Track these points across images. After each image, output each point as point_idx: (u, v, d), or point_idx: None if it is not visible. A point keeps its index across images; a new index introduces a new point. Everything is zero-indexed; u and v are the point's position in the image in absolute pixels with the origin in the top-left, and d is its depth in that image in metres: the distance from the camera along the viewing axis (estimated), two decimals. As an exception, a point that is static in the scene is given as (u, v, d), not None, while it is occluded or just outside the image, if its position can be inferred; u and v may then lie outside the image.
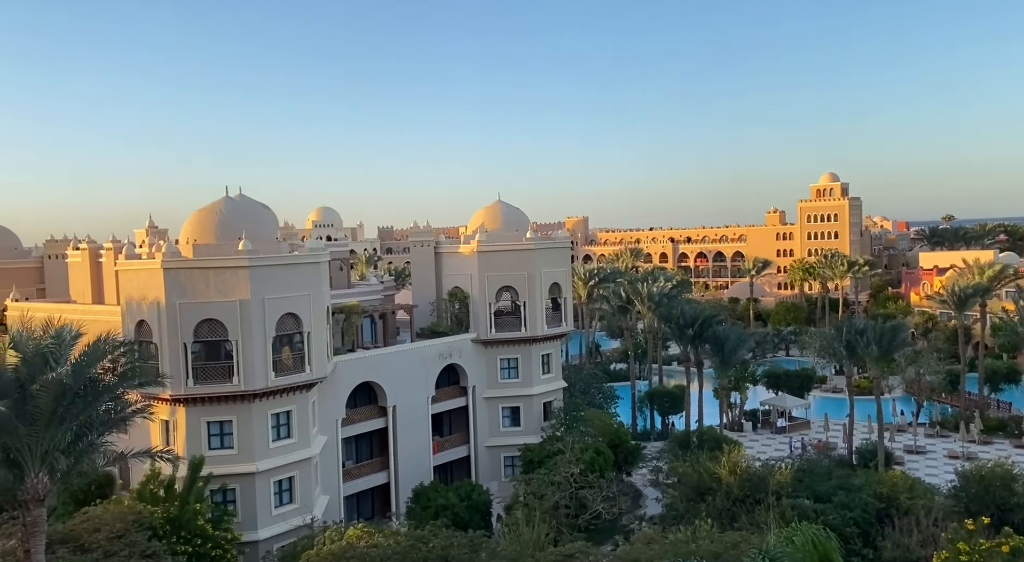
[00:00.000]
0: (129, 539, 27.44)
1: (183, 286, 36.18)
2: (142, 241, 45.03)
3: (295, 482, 38.38)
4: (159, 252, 36.93)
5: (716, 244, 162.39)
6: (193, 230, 39.81)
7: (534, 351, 52.39)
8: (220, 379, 36.45)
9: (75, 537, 28.21)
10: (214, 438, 36.76)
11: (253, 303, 36.45)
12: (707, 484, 36.63)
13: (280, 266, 38.27)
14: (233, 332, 36.32)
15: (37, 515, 22.44)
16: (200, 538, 30.98)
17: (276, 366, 37.49)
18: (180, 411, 36.52)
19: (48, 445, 22.41)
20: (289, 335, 38.26)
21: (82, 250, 46.69)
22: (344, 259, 55.50)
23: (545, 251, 52.89)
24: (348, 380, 44.05)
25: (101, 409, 24.60)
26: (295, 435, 38.59)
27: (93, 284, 45.42)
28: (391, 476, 46.63)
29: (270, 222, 42.87)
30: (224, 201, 40.74)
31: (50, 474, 22.61)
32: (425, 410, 48.44)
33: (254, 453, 36.81)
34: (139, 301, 37.33)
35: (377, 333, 51.55)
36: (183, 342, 36.01)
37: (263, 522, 36.67)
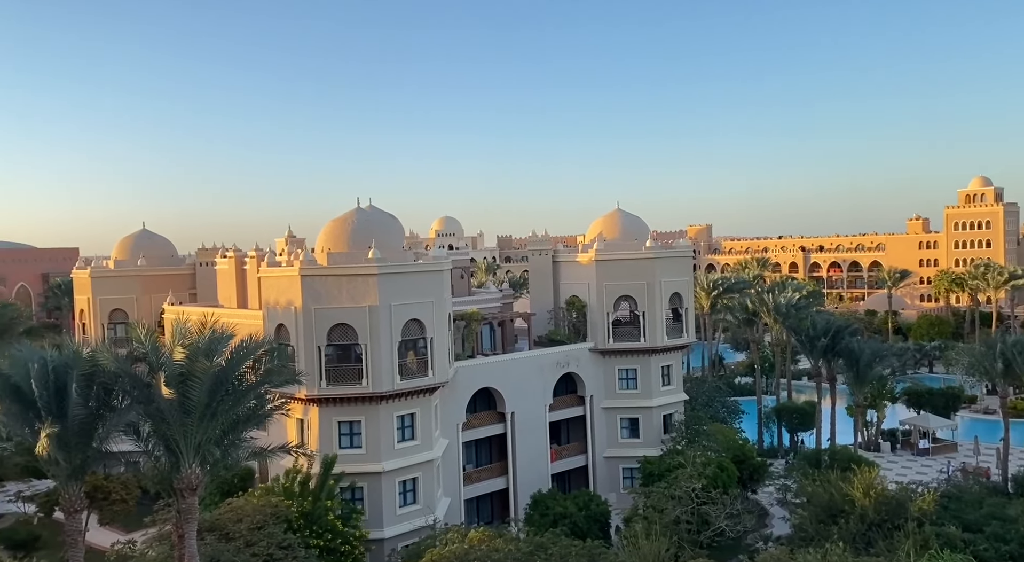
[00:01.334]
0: (268, 531, 29.24)
1: (318, 292, 38.29)
2: (282, 250, 48.05)
3: (418, 483, 39.59)
4: (297, 260, 39.26)
5: (851, 253, 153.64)
6: (327, 239, 42.07)
7: (654, 362, 51.48)
8: (350, 381, 38.23)
9: (220, 526, 30.38)
10: (344, 437, 38.55)
11: (381, 309, 38.03)
12: (839, 506, 34.63)
13: (406, 274, 39.75)
14: (363, 336, 38.02)
15: (191, 503, 24.37)
16: (331, 533, 32.53)
17: (401, 370, 38.93)
18: (314, 411, 38.58)
19: (201, 437, 24.33)
20: (413, 340, 39.62)
21: (229, 258, 50.36)
22: (465, 267, 56.82)
23: (665, 260, 51.95)
24: (468, 385, 45.00)
25: (246, 406, 26.47)
26: (419, 437, 39.83)
27: (238, 289, 48.86)
28: (510, 482, 47.13)
29: (397, 231, 44.64)
30: (356, 212, 42.81)
31: (202, 465, 24.52)
32: (543, 418, 48.66)
33: (380, 453, 38.28)
34: (278, 306, 39.82)
35: (496, 340, 52.36)
36: (317, 345, 38.06)
37: (388, 521, 38.03)
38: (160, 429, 24.87)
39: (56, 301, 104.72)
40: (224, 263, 51.10)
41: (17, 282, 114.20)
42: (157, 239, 64.46)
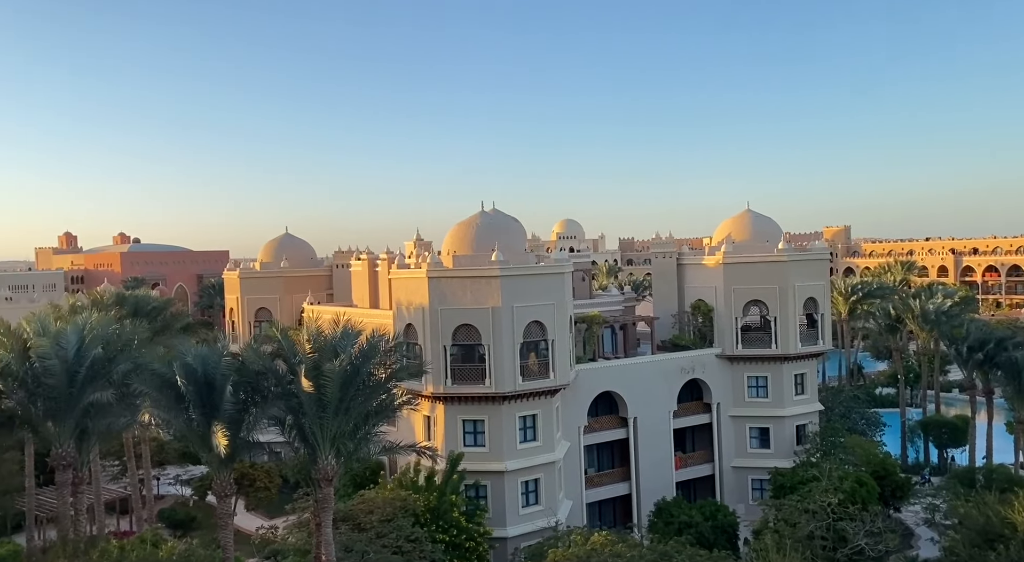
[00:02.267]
0: (397, 523, 30.36)
1: (443, 293, 39.38)
2: (410, 252, 49.78)
3: (540, 484, 39.80)
4: (424, 262, 40.56)
5: (1011, 256, 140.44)
6: (453, 242, 43.19)
7: (786, 370, 49.17)
8: (474, 380, 39.02)
9: (353, 516, 31.85)
10: (468, 436, 39.38)
11: (503, 310, 38.59)
12: (997, 530, 31.60)
13: (527, 276, 40.12)
14: (486, 337, 38.72)
15: (327, 493, 25.72)
16: (456, 529, 33.31)
17: (523, 371, 39.29)
18: (439, 408, 39.69)
19: (336, 430, 25.64)
20: (535, 342, 39.91)
21: (362, 260, 52.76)
22: (586, 270, 56.58)
23: (799, 263, 49.50)
24: (589, 389, 44.76)
25: (376, 402, 27.63)
26: (540, 438, 40.05)
27: (370, 290, 51.09)
28: (632, 487, 46.46)
29: (519, 234, 45.14)
30: (479, 215, 43.70)
31: (337, 457, 25.82)
32: (666, 424, 47.63)
33: (503, 453, 38.81)
34: (407, 306, 41.30)
35: (617, 344, 51.77)
36: (443, 344, 39.13)
37: (511, 520, 38.47)
38: (299, 422, 26.41)
39: (209, 300, 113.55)
40: (358, 265, 53.58)
41: (176, 282, 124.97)
42: (298, 243, 68.57)
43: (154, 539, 26.63)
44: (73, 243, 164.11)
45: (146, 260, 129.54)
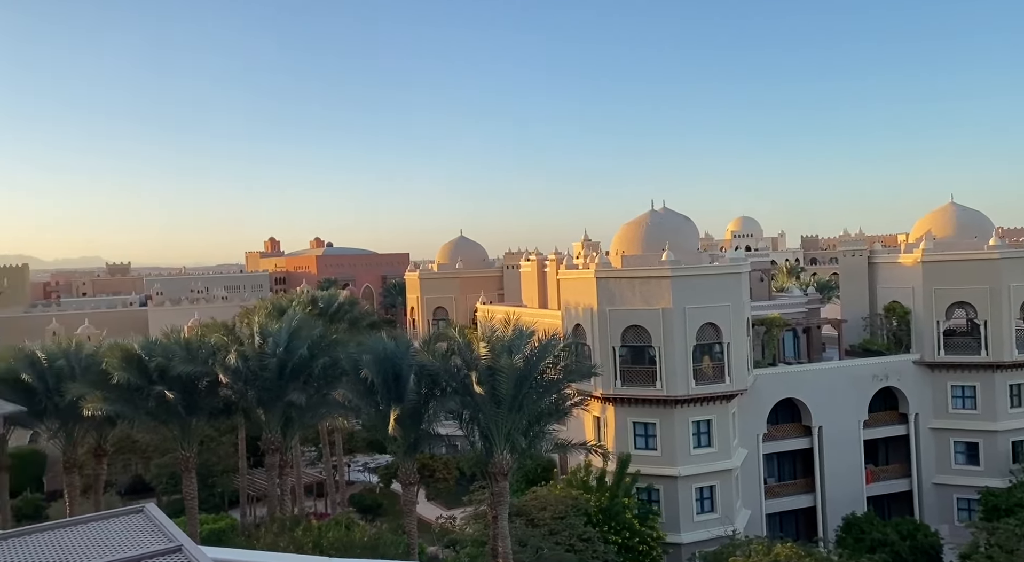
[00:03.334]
0: (569, 521, 30.66)
1: (612, 294, 39.21)
2: (578, 253, 50.10)
3: (716, 491, 38.50)
4: (592, 263, 40.63)
5: None
6: (621, 242, 42.89)
7: (998, 379, 43.98)
8: (644, 382, 38.50)
9: (526, 512, 32.56)
10: (639, 438, 38.92)
11: (675, 311, 37.72)
12: None
13: (700, 276, 38.94)
14: (656, 339, 38.06)
15: (502, 487, 26.54)
16: (628, 531, 33.07)
17: (697, 374, 38.19)
18: (610, 409, 39.56)
19: (510, 427, 26.39)
20: (709, 345, 38.64)
21: (531, 262, 53.89)
22: (764, 270, 53.95)
23: (1015, 261, 44.09)
24: (769, 395, 42.62)
25: (548, 400, 28.11)
26: (715, 444, 38.73)
27: (539, 290, 52.04)
28: (817, 500, 43.65)
29: (691, 233, 43.93)
30: (649, 214, 43.05)
31: (511, 452, 26.57)
32: (856, 434, 44.26)
33: (676, 457, 37.95)
34: (575, 306, 41.57)
35: (800, 348, 48.83)
36: (612, 345, 38.96)
37: (686, 526, 37.54)
38: (475, 417, 27.47)
39: (392, 299, 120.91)
40: (527, 266, 54.75)
41: (363, 282, 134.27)
42: (472, 245, 71.39)
43: (347, 522, 28.81)
44: (276, 247, 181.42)
45: (338, 262, 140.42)
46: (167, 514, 10.45)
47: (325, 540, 24.36)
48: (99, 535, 9.46)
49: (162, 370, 30.01)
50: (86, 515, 10.68)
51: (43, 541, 9.33)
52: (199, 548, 8.50)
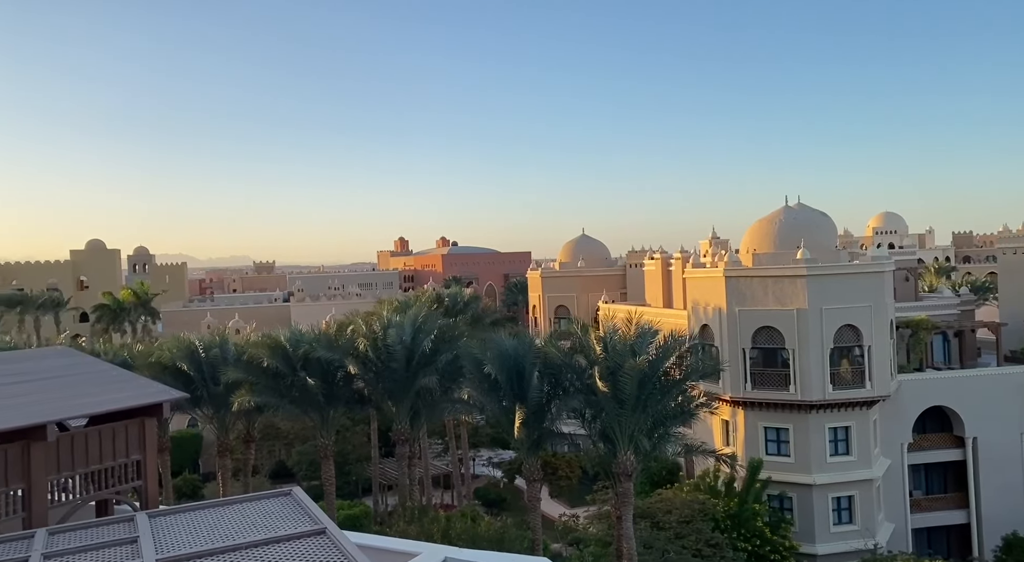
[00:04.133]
0: (695, 526, 29.91)
1: (742, 293, 37.83)
2: (705, 251, 48.69)
3: (855, 502, 36.32)
4: (721, 261, 39.36)
5: None
6: (753, 239, 41.29)
7: None
8: (776, 386, 36.89)
9: (651, 514, 32.07)
10: (771, 444, 37.35)
11: (810, 312, 35.92)
12: None
13: (839, 276, 36.88)
14: (790, 341, 36.39)
15: (626, 487, 26.28)
16: (759, 539, 31.85)
17: (833, 379, 36.21)
18: (739, 413, 38.22)
19: (633, 428, 26.08)
20: (848, 347, 36.53)
21: (655, 260, 52.92)
22: (910, 268, 50.29)
23: None
24: (915, 402, 39.70)
25: (673, 402, 27.53)
26: (854, 453, 36.55)
27: (664, 289, 51.01)
28: (971, 517, 40.24)
29: (828, 230, 41.66)
30: (783, 210, 41.19)
31: (635, 453, 26.25)
32: (1018, 448, 40.40)
33: (811, 465, 36.14)
34: (702, 306, 40.44)
35: (951, 352, 45.15)
36: (742, 347, 37.60)
37: (821, 537, 35.66)
38: (598, 416, 27.34)
39: (513, 297, 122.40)
40: (651, 264, 53.82)
41: (486, 281, 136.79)
42: (594, 243, 71.02)
43: (472, 514, 29.52)
44: (405, 247, 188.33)
45: (462, 261, 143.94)
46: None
47: (453, 531, 25.05)
48: (251, 515, 10.14)
49: (305, 359, 32.06)
50: (239, 496, 11.52)
51: (203, 518, 10.10)
52: (341, 532, 8.97)
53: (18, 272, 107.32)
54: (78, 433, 11.42)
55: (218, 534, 9.34)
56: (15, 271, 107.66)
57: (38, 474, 10.63)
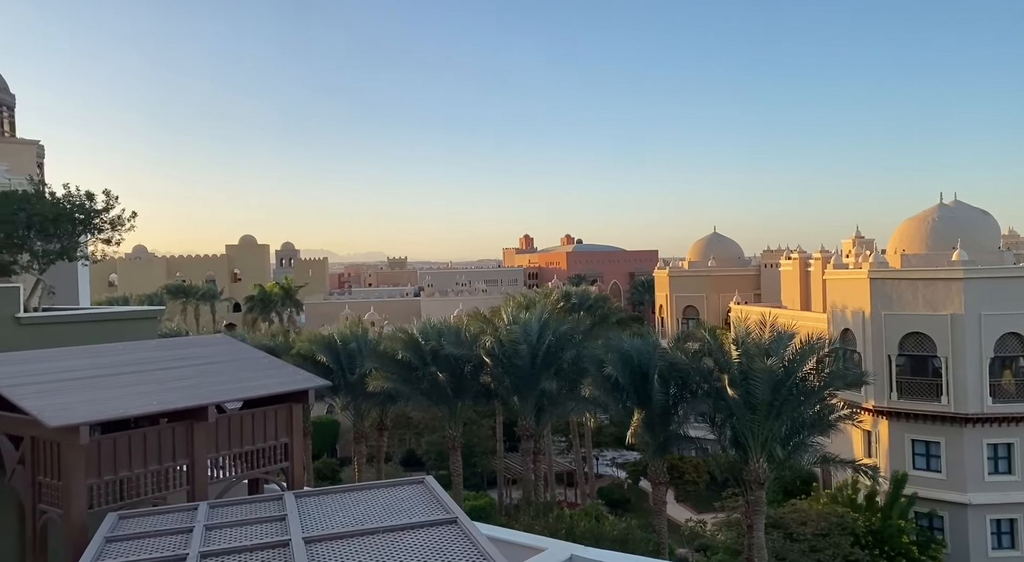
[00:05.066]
0: (833, 540, 28.33)
1: (889, 297, 35.41)
2: (848, 251, 45.96)
3: (1018, 526, 33.15)
4: (865, 262, 37.03)
5: None
6: (902, 240, 38.55)
7: None
8: (926, 396, 34.31)
9: (784, 524, 30.68)
10: (919, 458, 34.78)
11: (967, 319, 33.11)
12: None
13: (1001, 279, 33.78)
14: (942, 348, 33.71)
15: (758, 496, 25.31)
16: (905, 558, 29.74)
17: (993, 390, 33.21)
18: (883, 424, 35.83)
19: (767, 434, 25.05)
20: (1012, 358, 33.41)
21: (793, 260, 50.53)
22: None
23: None
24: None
25: (810, 410, 26.19)
26: (1018, 472, 33.36)
27: (801, 291, 48.65)
28: None
29: (989, 229, 38.21)
30: (937, 208, 38.18)
31: (768, 461, 25.21)
32: None
33: (966, 482, 33.31)
34: (844, 309, 38.18)
35: None
36: (887, 354, 35.22)
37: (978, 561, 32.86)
38: (729, 421, 26.46)
39: (639, 297, 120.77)
40: (788, 265, 51.43)
41: (611, 279, 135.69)
42: (726, 242, 68.75)
43: (596, 513, 29.42)
44: (530, 244, 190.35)
45: (587, 259, 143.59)
46: (439, 488, 11.39)
47: (577, 529, 25.09)
48: (387, 500, 10.59)
49: (435, 352, 33.14)
50: (376, 482, 12.06)
51: (343, 500, 10.66)
52: (472, 522, 9.20)
53: (181, 265, 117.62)
54: (234, 415, 12.31)
55: (357, 517, 9.82)
56: (178, 264, 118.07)
57: (200, 451, 11.55)
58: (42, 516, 10.46)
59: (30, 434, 10.53)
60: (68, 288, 19.22)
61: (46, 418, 9.69)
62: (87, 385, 11.28)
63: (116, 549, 8.73)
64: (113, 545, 8.84)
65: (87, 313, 16.09)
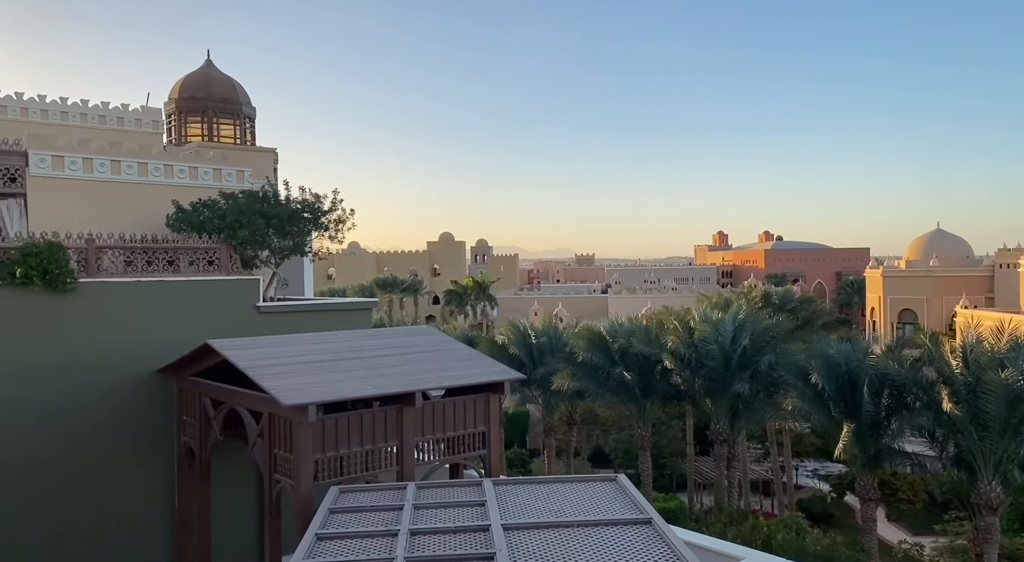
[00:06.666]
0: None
1: None
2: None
3: None
4: None
5: None
6: None
7: None
8: None
9: (1019, 557, 27.10)
10: None
11: None
12: None
13: None
14: None
15: (990, 523, 22.51)
16: None
17: None
18: None
19: (1000, 455, 22.19)
20: None
21: (1036, 259, 44.23)
22: None
23: None
24: None
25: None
26: None
27: (1047, 295, 42.48)
28: None
29: None
30: None
31: (1003, 485, 22.34)
32: None
33: None
34: (1105, 317, 32.81)
35: None
36: None
37: None
38: (952, 438, 23.75)
39: (847, 298, 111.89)
40: (1030, 264, 45.17)
41: (814, 279, 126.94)
42: (951, 239, 61.86)
43: (796, 526, 27.68)
44: (724, 241, 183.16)
45: (787, 257, 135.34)
46: (626, 487, 11.30)
47: (775, 540, 23.81)
48: (579, 495, 10.72)
49: (623, 352, 32.97)
50: (568, 476, 12.26)
51: (537, 492, 10.94)
52: (668, 526, 9.06)
53: (388, 260, 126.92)
54: (437, 402, 13.07)
55: (551, 508, 10.05)
56: (386, 259, 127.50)
57: (408, 435, 12.39)
58: (276, 485, 11.78)
59: (268, 411, 11.91)
60: (296, 280, 21.48)
61: (281, 397, 10.91)
62: (314, 369, 12.55)
63: (338, 520, 9.64)
64: (336, 516, 9.77)
65: (315, 304, 17.88)
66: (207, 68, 27.25)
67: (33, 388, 13.45)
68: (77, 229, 14.01)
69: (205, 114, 26.23)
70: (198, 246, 15.21)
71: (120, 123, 24.72)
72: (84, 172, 15.81)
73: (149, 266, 14.63)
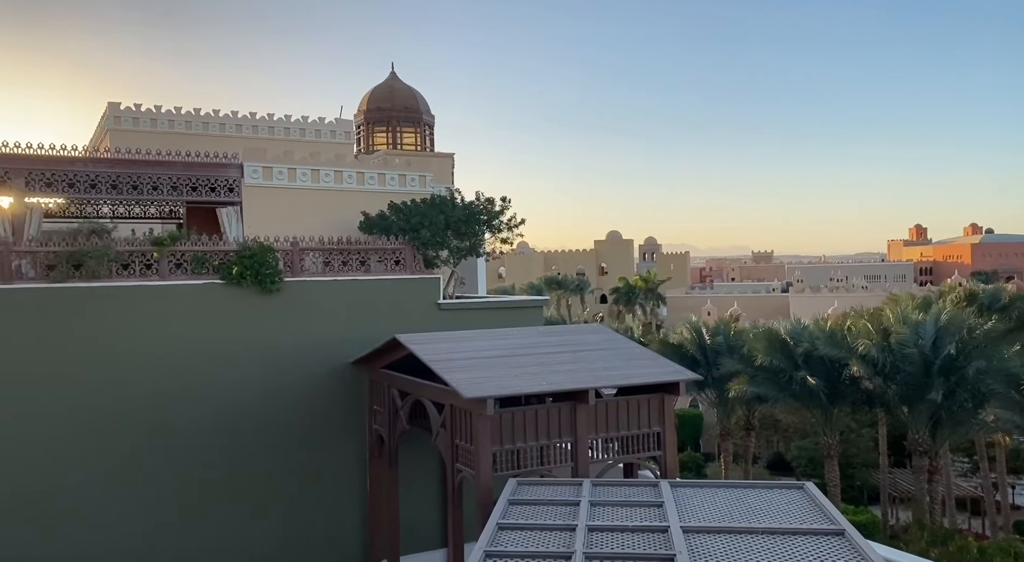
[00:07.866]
0: None
1: None
2: None
3: None
4: None
5: None
6: None
7: None
8: None
9: None
10: None
11: None
12: None
13: None
14: None
15: None
16: None
17: None
18: None
19: None
20: None
21: None
22: None
23: None
24: None
25: None
26: None
27: None
28: None
29: None
30: None
31: None
32: None
33: None
34: None
35: None
36: None
37: None
38: None
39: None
40: None
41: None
42: None
43: (1014, 551, 24.63)
44: (923, 235, 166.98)
45: (999, 251, 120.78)
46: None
47: (987, 567, 21.35)
48: (763, 502, 10.24)
49: (807, 355, 31.00)
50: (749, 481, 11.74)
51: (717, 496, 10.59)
52: (864, 539, 8.43)
53: (556, 259, 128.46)
54: (611, 401, 13.02)
55: (733, 513, 9.68)
56: (554, 258, 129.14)
57: (581, 432, 12.47)
58: (458, 474, 12.32)
59: (450, 403, 12.48)
60: (471, 279, 22.34)
61: (463, 390, 11.39)
62: (491, 364, 12.98)
63: (517, 511, 9.90)
64: (515, 507, 10.04)
65: (489, 301, 18.52)
66: (391, 80, 29.07)
67: (246, 371, 14.99)
68: (283, 233, 15.47)
69: (390, 124, 28.02)
70: (386, 247, 16.25)
71: (317, 135, 27.05)
72: (288, 181, 17.47)
73: (344, 266, 15.84)
